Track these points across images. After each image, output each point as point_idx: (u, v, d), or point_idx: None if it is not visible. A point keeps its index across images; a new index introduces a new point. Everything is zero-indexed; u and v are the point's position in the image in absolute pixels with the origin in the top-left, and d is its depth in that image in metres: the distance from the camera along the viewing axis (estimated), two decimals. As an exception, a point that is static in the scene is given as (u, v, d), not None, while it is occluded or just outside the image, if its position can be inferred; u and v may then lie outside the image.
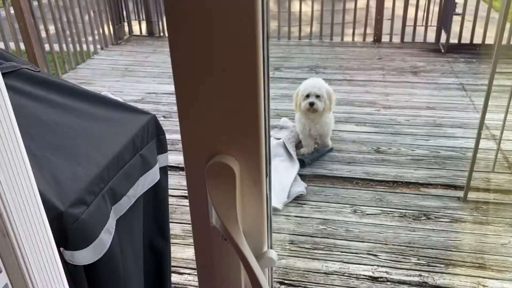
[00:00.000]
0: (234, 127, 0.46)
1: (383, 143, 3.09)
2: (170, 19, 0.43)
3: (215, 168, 0.47)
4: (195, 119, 0.47)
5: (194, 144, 0.49)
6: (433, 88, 3.92)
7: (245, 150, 0.47)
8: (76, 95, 1.18)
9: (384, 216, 2.39)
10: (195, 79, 0.45)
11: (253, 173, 0.48)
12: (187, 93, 0.46)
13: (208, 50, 0.43)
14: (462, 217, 2.34)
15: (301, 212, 2.45)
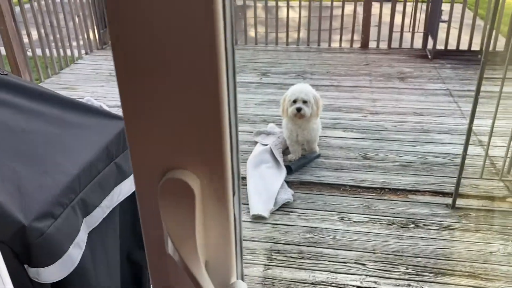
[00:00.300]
0: (192, 136, 0.39)
1: (371, 149, 3.06)
2: (112, 17, 0.36)
3: (169, 186, 0.39)
4: (144, 125, 0.40)
5: (144, 156, 0.41)
6: (420, 94, 3.92)
7: (206, 164, 0.40)
8: (46, 99, 1.11)
9: (372, 223, 2.35)
10: (142, 79, 0.38)
11: (217, 192, 0.41)
12: (133, 94, 0.39)
13: (158, 48, 0.37)
14: (450, 225, 2.31)
15: (288, 220, 2.39)
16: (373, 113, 3.59)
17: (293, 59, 4.91)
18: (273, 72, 4.53)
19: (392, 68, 4.54)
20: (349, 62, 4.77)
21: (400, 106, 3.69)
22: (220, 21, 0.36)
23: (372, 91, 4.00)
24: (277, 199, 2.52)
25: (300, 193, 2.61)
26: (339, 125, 3.40)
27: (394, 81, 4.22)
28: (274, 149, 2.98)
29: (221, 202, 0.42)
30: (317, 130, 2.94)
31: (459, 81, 4.18)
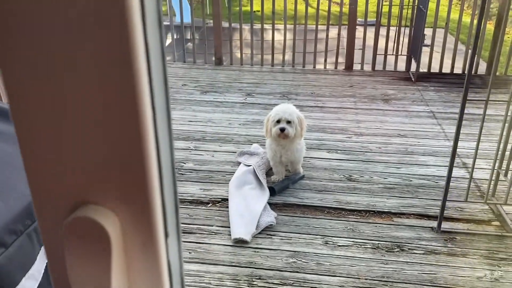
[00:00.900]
0: (108, 163, 0.31)
1: (355, 171, 3.02)
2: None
3: (76, 226, 0.30)
4: (45, 147, 0.31)
5: (46, 184, 0.32)
6: (404, 116, 3.92)
7: (127, 199, 0.32)
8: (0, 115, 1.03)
9: (356, 247, 2.29)
10: (38, 94, 0.30)
11: (142, 234, 0.32)
12: (27, 108, 0.31)
13: (56, 61, 0.29)
14: (436, 249, 2.26)
15: (270, 244, 2.32)
16: (358, 134, 3.57)
17: (278, 79, 4.90)
18: (258, 92, 4.51)
19: (376, 90, 4.56)
20: (333, 83, 4.78)
21: (384, 128, 3.68)
22: (136, 32, 0.29)
23: (356, 113, 4.00)
24: (260, 222, 2.44)
25: (284, 216, 2.54)
26: (323, 146, 3.37)
27: (378, 103, 4.22)
28: (257, 170, 2.92)
29: (148, 248, 0.33)
30: (301, 151, 2.90)
31: (442, 103, 4.21)
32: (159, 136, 0.33)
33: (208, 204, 2.65)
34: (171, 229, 0.34)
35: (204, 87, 4.63)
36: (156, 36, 0.31)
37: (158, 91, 0.32)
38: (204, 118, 3.87)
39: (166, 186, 0.33)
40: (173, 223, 0.34)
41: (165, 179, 0.33)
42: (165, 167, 0.33)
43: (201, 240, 2.33)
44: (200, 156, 3.22)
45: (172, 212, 0.34)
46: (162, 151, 0.33)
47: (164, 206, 0.33)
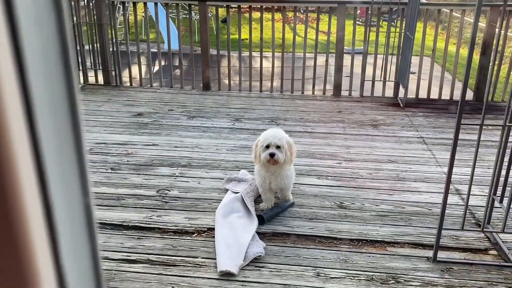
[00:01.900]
0: None
1: (346, 198, 2.92)
2: None
3: None
4: None
5: None
6: (394, 142, 3.87)
7: None
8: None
9: (349, 279, 2.16)
10: None
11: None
12: None
13: None
14: (433, 280, 2.15)
15: (259, 276, 2.18)
16: (348, 160, 3.49)
17: (267, 105, 4.85)
18: (246, 117, 4.44)
19: (365, 116, 4.53)
20: (322, 109, 4.74)
21: (374, 154, 3.62)
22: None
23: (345, 138, 3.94)
24: (248, 253, 2.31)
25: (273, 246, 2.42)
26: (313, 172, 3.28)
27: (367, 128, 4.18)
28: (245, 197, 2.80)
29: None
30: (290, 177, 2.80)
31: (432, 129, 4.18)
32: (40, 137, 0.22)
33: (193, 234, 2.52)
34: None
35: (191, 112, 4.55)
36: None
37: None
38: (190, 143, 3.76)
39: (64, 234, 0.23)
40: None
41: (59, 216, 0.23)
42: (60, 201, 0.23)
43: (185, 273, 2.19)
44: (185, 183, 3.09)
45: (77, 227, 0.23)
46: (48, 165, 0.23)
47: (52, 224, 0.22)
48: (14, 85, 0.22)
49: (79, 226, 0.24)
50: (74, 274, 0.24)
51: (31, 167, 0.22)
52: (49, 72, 0.24)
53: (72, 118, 0.24)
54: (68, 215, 0.23)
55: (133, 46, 6.66)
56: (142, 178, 3.14)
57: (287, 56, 5.52)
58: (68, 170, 0.23)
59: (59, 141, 0.24)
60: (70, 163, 0.23)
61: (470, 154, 3.55)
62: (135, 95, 5.12)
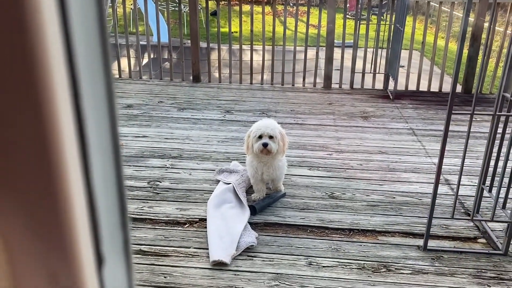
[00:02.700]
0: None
1: (337, 188, 2.93)
2: None
3: None
4: None
5: None
6: (384, 133, 3.90)
7: (19, 208, 0.21)
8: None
9: (341, 268, 2.18)
10: None
11: (50, 262, 0.21)
12: None
13: None
14: (423, 268, 2.18)
15: (251, 266, 2.18)
16: (338, 151, 3.51)
17: (257, 97, 4.84)
18: (237, 109, 4.42)
19: (355, 108, 4.55)
20: (312, 101, 4.75)
21: (364, 145, 3.64)
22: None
23: (336, 130, 3.95)
24: (240, 243, 2.31)
25: (265, 236, 2.42)
26: (304, 163, 3.28)
27: (358, 120, 4.20)
28: (237, 188, 2.80)
29: (63, 283, 0.22)
30: (282, 168, 2.80)
31: (421, 120, 4.21)
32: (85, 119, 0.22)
33: (185, 224, 2.51)
34: (112, 251, 0.23)
35: (182, 104, 4.52)
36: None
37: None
38: (181, 135, 3.74)
39: (100, 193, 0.22)
40: (117, 243, 0.23)
41: (97, 183, 0.22)
42: (99, 163, 0.22)
43: (177, 263, 2.18)
44: (176, 174, 3.08)
45: (114, 227, 0.23)
46: (91, 139, 0.22)
47: (95, 219, 0.22)
48: (63, 74, 0.21)
49: (106, 171, 0.23)
50: (104, 215, 0.23)
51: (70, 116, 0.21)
52: (92, 64, 0.24)
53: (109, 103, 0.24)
54: (99, 155, 0.23)
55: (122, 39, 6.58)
56: (133, 169, 3.12)
57: (278, 49, 5.50)
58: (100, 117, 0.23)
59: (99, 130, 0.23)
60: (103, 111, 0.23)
61: (459, 145, 3.59)
62: (124, 87, 5.06)
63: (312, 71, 5.30)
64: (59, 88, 0.21)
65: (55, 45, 0.20)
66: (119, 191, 0.25)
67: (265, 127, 2.62)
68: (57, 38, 0.20)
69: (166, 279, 2.06)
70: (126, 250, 0.24)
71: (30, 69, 0.20)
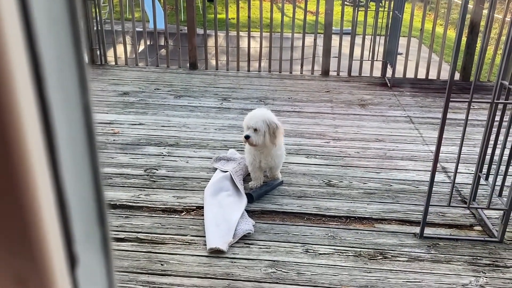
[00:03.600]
0: None
1: (334, 176, 2.93)
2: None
3: None
4: None
5: None
6: (382, 121, 3.89)
7: None
8: None
9: (338, 255, 2.19)
10: None
11: (13, 264, 0.19)
12: None
13: None
14: (419, 256, 2.19)
15: (248, 253, 2.19)
16: (336, 139, 3.50)
17: (255, 84, 4.81)
18: (234, 97, 4.40)
19: (353, 95, 4.53)
20: (310, 88, 4.72)
21: (362, 133, 3.63)
22: None
23: (333, 117, 3.94)
24: (237, 230, 2.31)
25: (262, 223, 2.42)
26: (301, 151, 3.28)
27: (355, 108, 4.18)
28: (234, 175, 2.79)
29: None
30: (281, 156, 2.79)
31: (419, 108, 4.20)
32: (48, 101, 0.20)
33: (182, 212, 2.51)
34: (88, 250, 0.21)
35: (178, 92, 4.49)
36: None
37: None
38: (178, 123, 3.72)
39: (72, 188, 0.21)
40: (94, 241, 0.22)
41: (67, 177, 0.21)
42: (69, 155, 0.21)
43: (174, 250, 2.18)
44: (173, 162, 3.07)
45: (90, 224, 0.22)
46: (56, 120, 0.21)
47: (66, 217, 0.20)
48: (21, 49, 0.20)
49: (77, 154, 0.22)
50: (76, 207, 0.22)
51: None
52: (58, 44, 0.22)
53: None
54: (65, 136, 0.22)
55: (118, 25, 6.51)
56: (129, 157, 3.10)
57: (275, 36, 5.45)
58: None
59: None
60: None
61: (456, 133, 3.59)
62: (120, 74, 5.02)
63: (310, 59, 5.26)
64: (18, 72, 0.19)
65: (12, 22, 0.19)
66: (96, 186, 0.24)
67: (249, 119, 2.59)
68: (14, 14, 0.19)
69: (163, 267, 2.07)
70: (105, 248, 0.23)
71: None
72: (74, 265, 0.21)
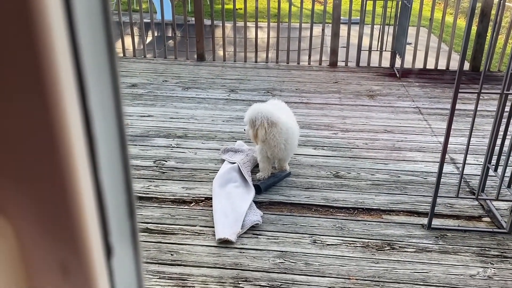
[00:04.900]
0: None
1: (342, 167, 2.94)
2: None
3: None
4: None
5: None
6: (390, 112, 3.87)
7: (28, 197, 0.21)
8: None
9: (345, 246, 2.20)
10: None
11: (59, 253, 0.22)
12: None
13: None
14: (427, 246, 2.19)
15: (257, 244, 2.21)
16: (344, 130, 3.49)
17: (262, 76, 4.80)
18: (242, 88, 4.40)
19: (361, 86, 4.51)
20: (318, 79, 4.70)
21: (370, 124, 3.62)
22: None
23: (342, 109, 3.93)
24: (245, 221, 2.33)
25: (270, 214, 2.44)
26: (309, 142, 3.28)
27: (364, 99, 4.17)
28: (242, 167, 2.81)
29: (73, 273, 0.22)
30: (290, 150, 2.77)
31: (428, 99, 4.17)
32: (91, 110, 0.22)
33: (191, 203, 2.53)
34: (120, 242, 0.23)
35: (186, 83, 4.50)
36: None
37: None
38: (186, 114, 3.74)
39: (107, 181, 0.22)
40: (125, 233, 0.23)
41: (104, 175, 0.22)
42: (106, 156, 0.22)
43: (183, 241, 2.21)
44: (182, 153, 3.09)
45: (122, 217, 0.23)
46: (97, 131, 0.22)
47: (103, 210, 0.22)
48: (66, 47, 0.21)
49: (112, 160, 0.24)
50: (112, 203, 0.23)
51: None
52: (97, 57, 0.23)
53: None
54: (105, 144, 0.23)
55: (125, 17, 6.51)
56: (139, 148, 3.13)
57: (283, 27, 5.42)
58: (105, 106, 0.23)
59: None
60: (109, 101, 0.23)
61: (465, 124, 3.56)
62: (128, 65, 5.04)
63: (318, 49, 5.23)
64: (66, 81, 0.21)
65: (60, 38, 0.20)
66: (126, 182, 0.25)
67: (245, 113, 2.69)
68: (62, 30, 0.20)
69: (172, 257, 2.10)
70: (134, 240, 0.25)
71: (38, 67, 0.20)
72: (110, 255, 0.23)
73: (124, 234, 0.24)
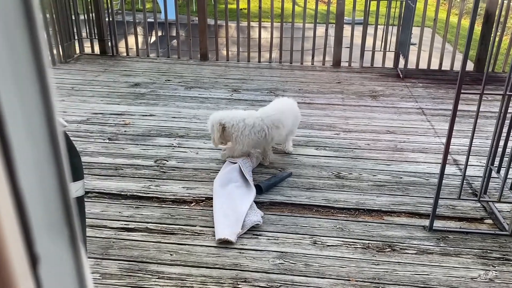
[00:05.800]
0: None
1: (344, 168, 2.93)
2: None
3: None
4: None
5: None
6: (393, 112, 3.85)
7: None
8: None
9: (346, 247, 2.19)
10: None
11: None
12: None
13: None
14: (428, 248, 2.18)
15: (257, 244, 2.20)
16: (346, 131, 3.48)
17: (265, 76, 4.79)
18: (244, 88, 4.39)
19: (364, 87, 4.49)
20: (321, 80, 4.69)
21: (373, 124, 3.60)
22: None
23: (344, 109, 3.91)
24: (246, 222, 2.33)
25: (270, 215, 2.43)
26: (311, 142, 3.27)
27: (366, 99, 4.15)
28: (243, 167, 2.80)
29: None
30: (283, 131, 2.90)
31: (431, 99, 4.15)
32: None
33: (191, 203, 2.53)
34: (54, 250, 0.22)
35: (189, 83, 4.50)
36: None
37: None
38: (188, 114, 3.74)
39: (30, 189, 0.21)
40: (60, 240, 0.22)
41: (25, 176, 0.21)
42: (26, 155, 0.21)
43: (183, 241, 2.21)
44: (183, 153, 3.09)
45: (55, 224, 0.22)
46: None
47: (24, 219, 0.21)
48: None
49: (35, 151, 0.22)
50: (35, 203, 0.22)
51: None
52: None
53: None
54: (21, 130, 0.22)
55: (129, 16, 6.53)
56: (140, 148, 3.13)
57: (286, 27, 5.41)
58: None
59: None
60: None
61: (468, 125, 3.54)
62: (131, 65, 5.05)
63: (321, 49, 5.21)
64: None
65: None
66: (61, 189, 0.24)
67: None
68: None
69: (172, 257, 2.10)
70: (74, 247, 0.24)
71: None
72: (36, 264, 0.22)
73: (59, 240, 0.23)
